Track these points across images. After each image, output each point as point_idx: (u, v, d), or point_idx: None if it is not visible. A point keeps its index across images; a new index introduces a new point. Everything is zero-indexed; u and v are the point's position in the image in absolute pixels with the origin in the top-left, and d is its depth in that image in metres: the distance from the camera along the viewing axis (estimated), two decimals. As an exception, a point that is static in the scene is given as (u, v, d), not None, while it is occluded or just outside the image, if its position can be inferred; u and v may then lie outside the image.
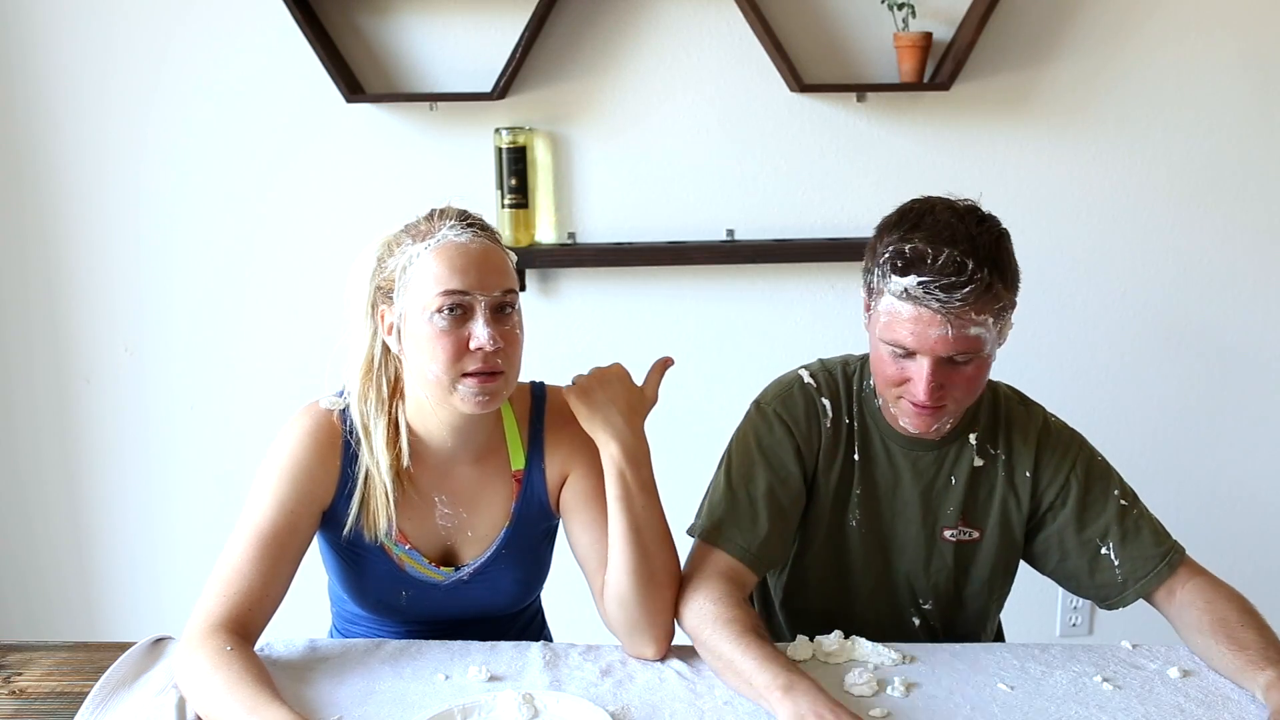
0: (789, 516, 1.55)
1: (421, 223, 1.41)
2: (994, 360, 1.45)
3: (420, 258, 1.36)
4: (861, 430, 1.57)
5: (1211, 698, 1.37)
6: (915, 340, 1.39)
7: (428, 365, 1.37)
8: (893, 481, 1.58)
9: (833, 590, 1.62)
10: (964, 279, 1.35)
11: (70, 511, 2.71)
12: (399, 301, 1.38)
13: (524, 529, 1.52)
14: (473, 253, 1.38)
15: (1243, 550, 2.69)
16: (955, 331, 1.37)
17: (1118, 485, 1.56)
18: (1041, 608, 2.74)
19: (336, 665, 1.43)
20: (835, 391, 1.58)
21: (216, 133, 2.51)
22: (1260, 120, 2.54)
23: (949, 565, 1.60)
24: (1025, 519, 1.58)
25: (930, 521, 1.58)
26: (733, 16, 2.41)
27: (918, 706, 1.35)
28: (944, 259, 1.36)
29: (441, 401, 1.40)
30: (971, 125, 2.53)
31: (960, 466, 1.57)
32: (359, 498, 1.44)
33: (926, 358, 1.40)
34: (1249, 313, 2.64)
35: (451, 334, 1.36)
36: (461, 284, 1.36)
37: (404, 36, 2.47)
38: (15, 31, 2.47)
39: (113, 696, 1.36)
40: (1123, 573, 1.52)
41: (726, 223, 2.55)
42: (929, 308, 1.37)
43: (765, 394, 1.60)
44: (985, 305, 1.38)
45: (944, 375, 1.41)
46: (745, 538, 1.51)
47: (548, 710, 1.31)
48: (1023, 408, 1.60)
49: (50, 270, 2.58)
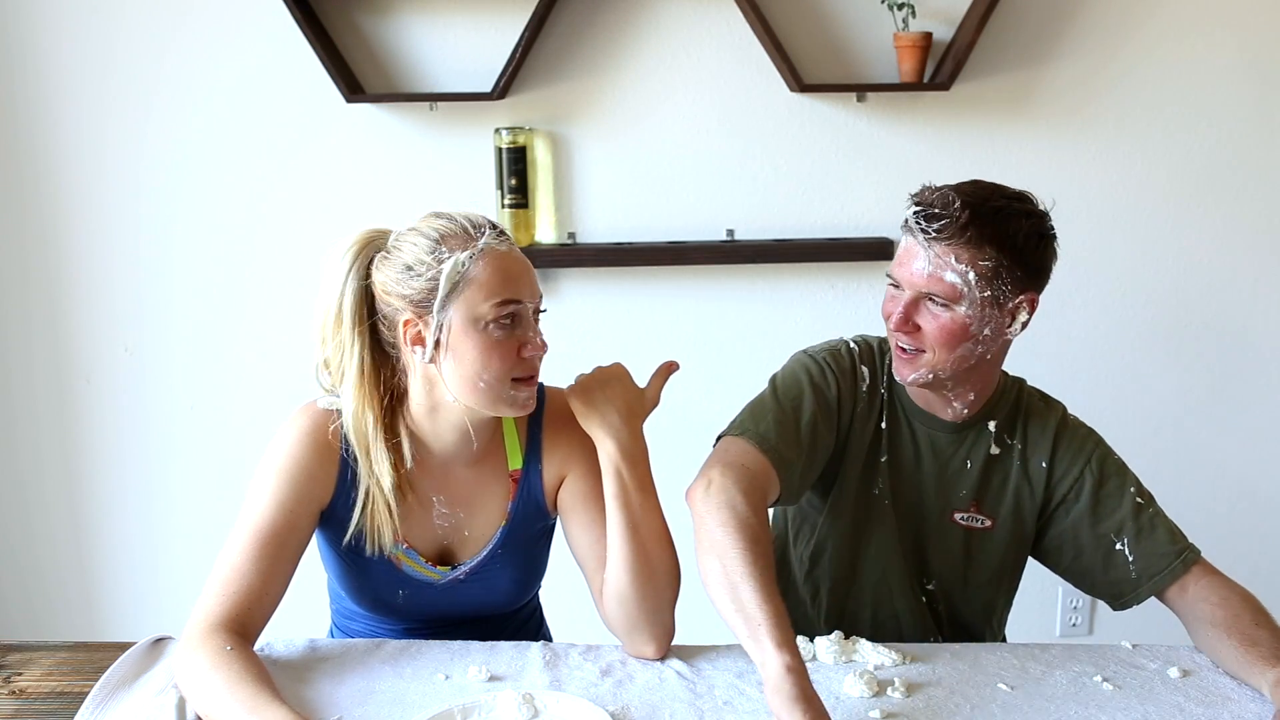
0: (821, 451, 1.55)
1: (455, 230, 1.38)
2: (976, 327, 1.47)
3: (468, 267, 1.35)
4: (890, 403, 1.61)
5: (1211, 697, 1.37)
6: (900, 269, 1.49)
7: (479, 374, 1.37)
8: (914, 458, 1.61)
9: (852, 559, 1.63)
10: (942, 211, 1.44)
11: (70, 511, 2.71)
12: (440, 313, 1.36)
13: (521, 528, 1.52)
14: (518, 260, 1.41)
15: (1244, 548, 2.68)
16: (933, 269, 1.45)
17: (1133, 483, 1.58)
18: (1041, 608, 2.74)
19: (336, 665, 1.43)
20: (873, 362, 1.62)
21: (216, 133, 2.51)
22: (1260, 120, 2.55)
23: (956, 550, 1.62)
24: (1038, 510, 1.60)
25: (942, 502, 1.61)
26: (733, 16, 2.41)
27: (918, 707, 1.35)
28: (937, 195, 1.46)
29: (483, 406, 1.40)
30: (971, 125, 2.53)
31: (977, 451, 1.59)
32: (360, 510, 1.43)
33: (907, 290, 1.47)
34: (1249, 312, 2.64)
35: (506, 342, 1.37)
36: (515, 293, 1.37)
37: (404, 36, 2.47)
38: (15, 31, 2.47)
39: (113, 696, 1.36)
40: (1137, 569, 1.53)
41: (726, 223, 2.55)
42: (915, 239, 1.46)
43: (812, 348, 1.63)
44: (965, 251, 1.43)
45: (916, 312, 1.48)
46: (781, 439, 1.48)
47: (548, 710, 1.31)
48: (1043, 403, 1.64)
49: (50, 270, 2.58)
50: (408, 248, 1.38)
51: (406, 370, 1.43)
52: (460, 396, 1.40)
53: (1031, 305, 1.51)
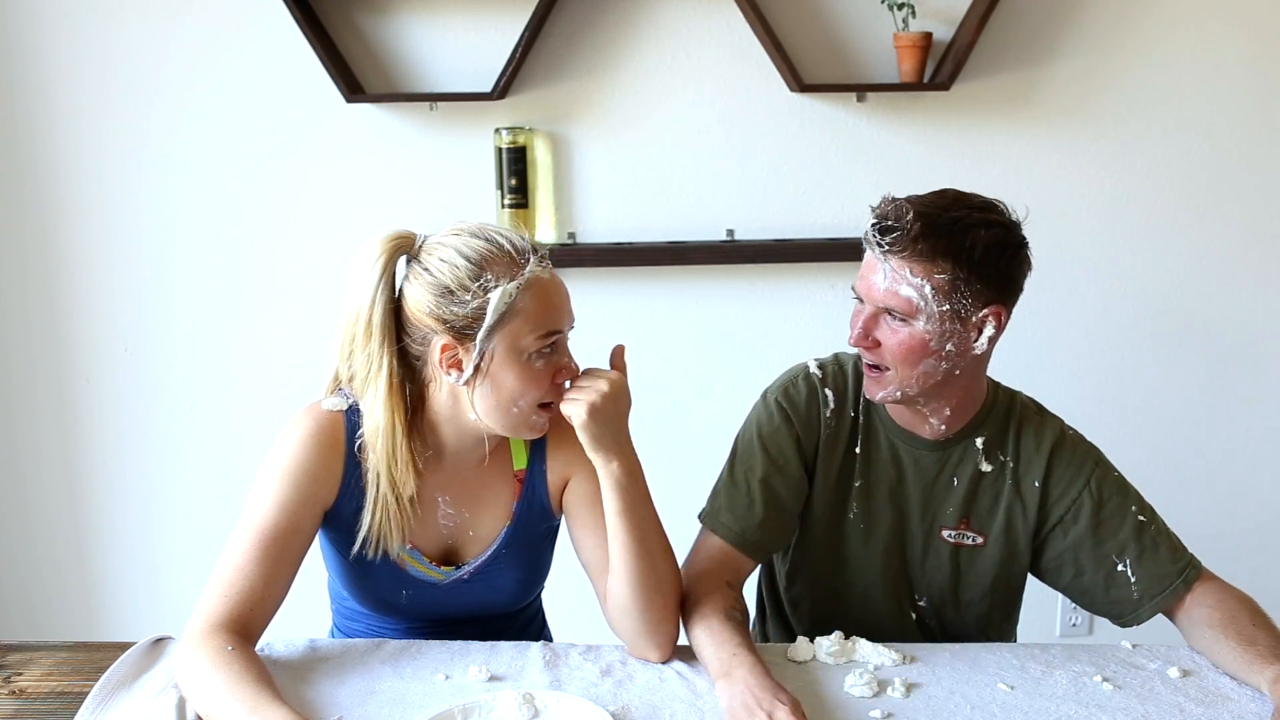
0: (786, 504, 1.57)
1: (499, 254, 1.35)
2: (936, 343, 1.44)
3: (515, 298, 1.35)
4: (866, 424, 1.59)
5: (1211, 697, 1.37)
6: (860, 283, 1.48)
7: (514, 401, 1.38)
8: (895, 477, 1.58)
9: (829, 579, 1.63)
10: (896, 224, 1.42)
11: (70, 511, 2.71)
12: (484, 340, 1.35)
13: (525, 529, 1.52)
14: (560, 287, 1.42)
15: (1243, 548, 2.69)
16: (889, 283, 1.43)
17: (1135, 501, 1.55)
18: (1041, 608, 2.73)
19: (336, 665, 1.43)
20: (841, 384, 1.59)
21: (216, 133, 2.51)
22: (1260, 119, 2.54)
23: (946, 566, 1.60)
24: (1033, 530, 1.58)
25: (929, 519, 1.59)
26: (733, 16, 2.41)
27: (918, 707, 1.35)
28: (892, 207, 1.44)
29: (505, 430, 1.41)
30: (971, 125, 2.53)
31: (964, 468, 1.57)
32: (369, 513, 1.42)
33: (868, 305, 1.47)
34: (1249, 311, 2.64)
35: (545, 372, 1.39)
36: (559, 324, 1.40)
37: (404, 36, 2.47)
38: (15, 31, 2.46)
39: (113, 696, 1.36)
40: (1139, 589, 1.52)
41: (726, 223, 2.55)
42: (873, 252, 1.45)
43: (771, 384, 1.63)
44: (919, 264, 1.41)
45: (876, 326, 1.47)
46: (740, 523, 1.54)
47: (548, 710, 1.31)
48: (1039, 417, 1.60)
49: (50, 270, 2.58)
50: (446, 268, 1.35)
51: (429, 380, 1.42)
52: (485, 419, 1.40)
53: (998, 318, 1.46)
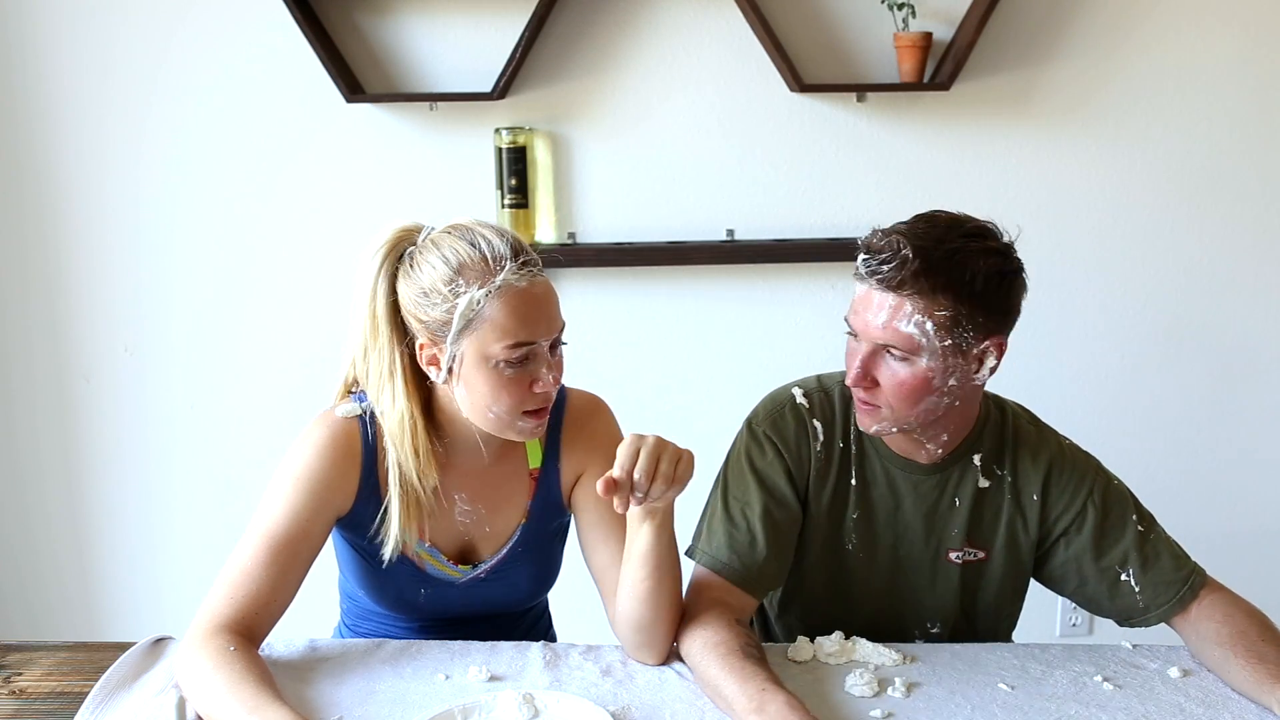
0: (786, 537, 1.53)
1: (474, 260, 1.33)
2: (940, 380, 1.41)
3: (482, 306, 1.32)
4: (859, 454, 1.55)
5: (1211, 697, 1.37)
6: (855, 319, 1.43)
7: (488, 406, 1.37)
8: (893, 505, 1.55)
9: (825, 608, 1.59)
10: (892, 258, 1.37)
11: (70, 511, 2.71)
12: (453, 344, 1.34)
13: (539, 525, 1.53)
14: (537, 298, 1.35)
15: (1244, 551, 2.69)
16: (889, 320, 1.39)
17: (1135, 510, 1.54)
18: (1041, 608, 2.72)
19: (337, 665, 1.43)
20: (829, 414, 1.55)
21: (216, 133, 2.51)
22: (1260, 119, 2.54)
23: (955, 587, 1.58)
24: (1034, 543, 1.56)
25: (934, 544, 1.56)
26: (733, 16, 2.41)
27: (919, 707, 1.35)
28: (887, 241, 1.39)
29: (493, 432, 1.41)
30: (971, 125, 2.53)
31: (964, 488, 1.54)
32: (390, 514, 1.42)
33: (864, 341, 1.42)
34: (1250, 311, 2.64)
35: (517, 379, 1.36)
36: (529, 335, 1.35)
37: (404, 36, 2.47)
38: (15, 31, 2.46)
39: (113, 697, 1.36)
40: (1144, 599, 1.51)
41: (726, 223, 2.55)
42: (869, 286, 1.40)
43: (757, 413, 1.57)
44: (919, 300, 1.37)
45: (874, 365, 1.42)
46: (744, 562, 1.49)
47: (548, 710, 1.31)
48: (1034, 429, 1.58)
49: (50, 270, 2.58)
50: (427, 269, 1.35)
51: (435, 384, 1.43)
52: (471, 419, 1.40)
53: (999, 349, 1.44)
